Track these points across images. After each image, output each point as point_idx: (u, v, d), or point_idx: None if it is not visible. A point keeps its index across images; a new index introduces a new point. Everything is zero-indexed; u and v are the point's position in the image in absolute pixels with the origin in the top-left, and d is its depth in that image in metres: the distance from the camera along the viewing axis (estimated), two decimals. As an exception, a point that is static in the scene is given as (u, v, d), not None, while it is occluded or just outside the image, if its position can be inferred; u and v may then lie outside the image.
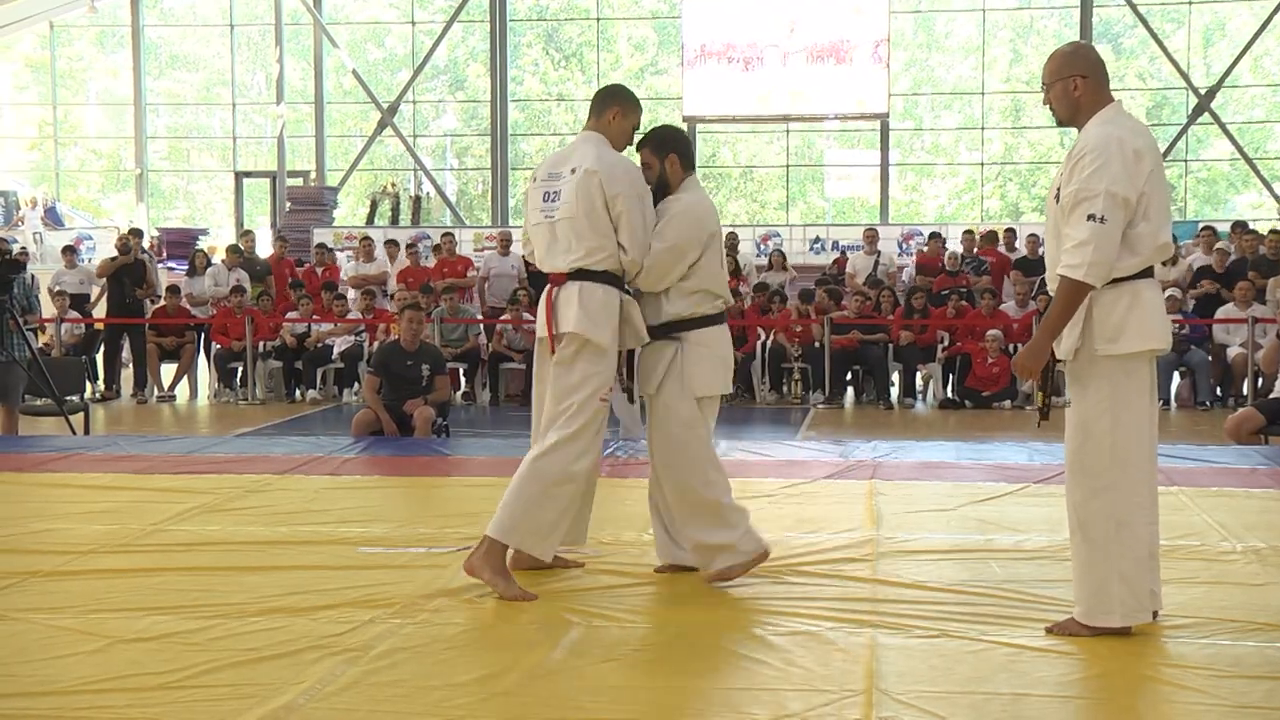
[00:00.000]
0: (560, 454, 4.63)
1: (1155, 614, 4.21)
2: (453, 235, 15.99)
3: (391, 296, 14.71)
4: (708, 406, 4.85)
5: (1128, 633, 4.09)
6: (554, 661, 3.93)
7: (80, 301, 15.05)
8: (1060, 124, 4.26)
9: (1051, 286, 4.13)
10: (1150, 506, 4.15)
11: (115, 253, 14.65)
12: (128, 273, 14.21)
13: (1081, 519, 4.12)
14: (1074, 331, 4.09)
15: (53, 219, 23.62)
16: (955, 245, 15.86)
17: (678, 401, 4.78)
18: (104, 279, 14.71)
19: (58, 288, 14.91)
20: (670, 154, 4.83)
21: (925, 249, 16.41)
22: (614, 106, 4.82)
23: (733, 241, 15.68)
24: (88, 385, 12.91)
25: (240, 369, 13.69)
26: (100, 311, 14.95)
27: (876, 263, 15.42)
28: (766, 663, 3.92)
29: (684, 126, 20.09)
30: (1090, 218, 3.91)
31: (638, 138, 4.91)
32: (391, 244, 16.38)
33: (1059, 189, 4.08)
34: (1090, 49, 4.30)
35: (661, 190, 4.84)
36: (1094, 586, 4.10)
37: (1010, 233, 16.32)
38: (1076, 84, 4.13)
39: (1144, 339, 4.05)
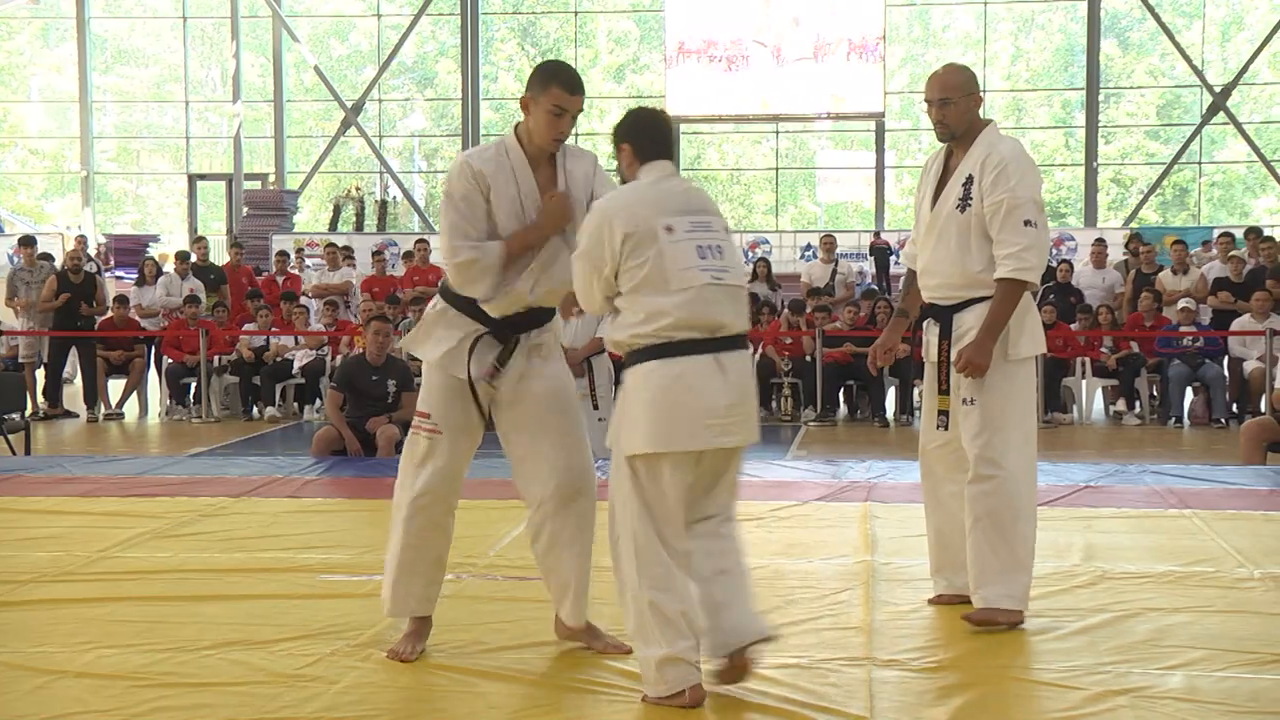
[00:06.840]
0: None
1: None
2: (426, 242, 15.96)
3: (350, 306, 14.71)
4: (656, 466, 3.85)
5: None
6: (534, 697, 3.93)
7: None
8: (949, 138, 4.71)
9: (948, 291, 4.66)
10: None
11: (64, 266, 14.48)
12: (76, 291, 14.06)
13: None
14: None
15: (-9, 225, 23.57)
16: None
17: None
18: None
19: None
20: (621, 145, 4.08)
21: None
22: (525, 96, 4.32)
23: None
24: (28, 402, 12.86)
25: (194, 385, 13.64)
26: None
27: (834, 272, 15.38)
28: (755, 699, 3.91)
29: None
30: (1027, 223, 4.52)
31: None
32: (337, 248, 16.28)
33: (961, 198, 4.59)
34: None
35: None
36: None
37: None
38: (979, 99, 4.75)
39: (1033, 346, 4.65)
